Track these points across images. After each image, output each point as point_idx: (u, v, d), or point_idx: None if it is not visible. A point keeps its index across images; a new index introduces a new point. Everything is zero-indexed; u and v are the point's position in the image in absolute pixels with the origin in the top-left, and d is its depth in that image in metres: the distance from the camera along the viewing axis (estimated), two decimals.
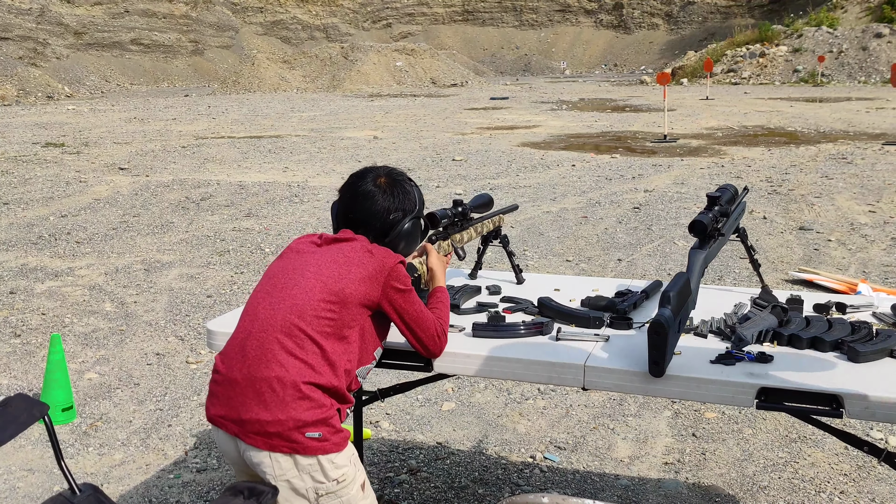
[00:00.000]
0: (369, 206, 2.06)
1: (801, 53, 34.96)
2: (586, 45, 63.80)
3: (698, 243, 2.12)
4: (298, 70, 40.41)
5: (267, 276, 2.02)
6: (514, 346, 2.07)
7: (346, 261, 1.94)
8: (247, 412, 1.81)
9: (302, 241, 2.08)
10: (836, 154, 13.01)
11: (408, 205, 2.10)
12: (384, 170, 2.13)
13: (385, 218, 2.06)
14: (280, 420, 1.78)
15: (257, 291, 1.99)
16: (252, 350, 1.86)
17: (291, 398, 1.79)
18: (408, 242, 2.10)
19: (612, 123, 19.38)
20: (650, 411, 3.76)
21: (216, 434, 1.90)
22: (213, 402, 1.89)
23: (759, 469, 3.20)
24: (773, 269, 6.35)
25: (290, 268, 1.98)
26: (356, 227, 2.06)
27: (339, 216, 2.12)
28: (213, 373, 1.93)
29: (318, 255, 1.98)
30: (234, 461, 1.89)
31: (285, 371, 1.81)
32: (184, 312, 5.19)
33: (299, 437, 1.78)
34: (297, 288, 1.91)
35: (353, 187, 2.11)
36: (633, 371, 1.90)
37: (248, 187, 10.34)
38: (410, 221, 2.09)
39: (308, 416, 1.79)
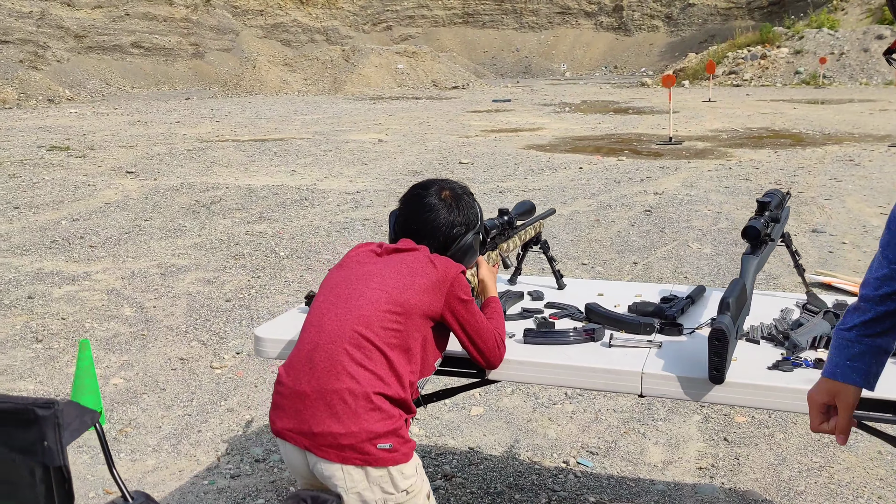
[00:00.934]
0: (433, 219, 2.08)
1: (803, 55, 34.98)
2: (586, 48, 63.81)
3: (750, 249, 2.12)
4: (300, 73, 40.40)
5: (329, 287, 2.00)
6: (566, 352, 2.07)
7: (410, 271, 1.94)
8: (318, 425, 1.80)
9: (361, 250, 2.08)
10: (842, 156, 13.01)
11: (471, 219, 2.13)
12: (447, 183, 2.16)
13: (448, 231, 2.08)
14: (353, 432, 1.77)
15: (321, 302, 1.98)
16: (321, 362, 1.85)
17: (363, 410, 1.79)
18: (469, 256, 2.12)
19: (616, 126, 19.37)
20: (679, 416, 3.75)
21: (283, 447, 1.89)
22: (280, 415, 1.87)
23: (795, 474, 3.20)
24: (790, 272, 6.34)
25: (354, 278, 1.98)
26: (418, 238, 2.07)
27: (400, 226, 2.13)
28: (276, 384, 1.92)
29: (380, 265, 1.97)
30: (301, 474, 1.89)
31: (356, 382, 1.80)
32: (203, 317, 5.18)
33: (371, 449, 1.77)
34: (362, 299, 1.91)
35: (416, 199, 2.12)
36: (691, 378, 1.89)
37: (256, 191, 10.34)
38: (472, 236, 2.11)
39: (379, 428, 1.78)
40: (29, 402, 1.42)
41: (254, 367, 4.34)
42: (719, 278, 6.16)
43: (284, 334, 2.25)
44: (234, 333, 4.87)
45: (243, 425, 3.64)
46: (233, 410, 3.79)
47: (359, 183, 10.99)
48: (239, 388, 4.07)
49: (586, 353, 2.06)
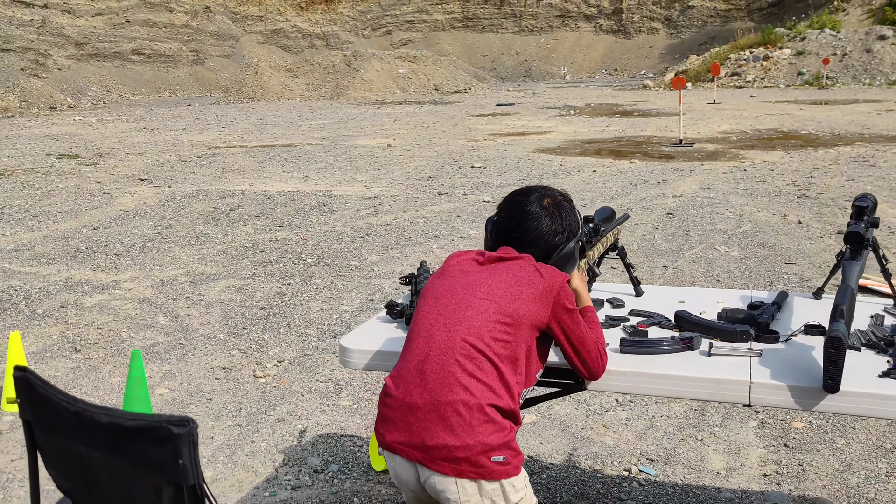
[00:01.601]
0: (535, 227, 2.05)
1: (805, 56, 35.01)
2: (586, 51, 63.86)
3: (851, 254, 2.08)
4: (301, 78, 40.41)
5: (434, 296, 1.97)
6: (666, 361, 2.03)
7: (517, 280, 1.90)
8: (432, 438, 1.76)
9: (462, 258, 2.04)
10: (856, 157, 13.00)
11: (572, 227, 2.10)
12: (548, 191, 2.13)
13: (551, 240, 2.06)
14: (468, 445, 1.74)
15: (427, 312, 1.94)
16: (433, 373, 1.81)
17: (478, 422, 1.75)
18: (570, 264, 2.09)
19: (624, 128, 19.37)
20: (735, 421, 3.71)
21: (392, 460, 1.85)
22: (389, 428, 1.84)
23: (862, 480, 3.16)
24: (821, 274, 6.31)
25: (460, 287, 1.94)
26: (519, 246, 2.04)
27: (499, 234, 2.10)
28: (384, 396, 1.88)
29: (485, 275, 1.94)
30: (410, 488, 1.85)
31: (470, 394, 1.77)
32: (240, 325, 5.14)
33: (486, 462, 1.74)
34: (471, 309, 1.87)
35: (517, 206, 2.09)
36: (803, 387, 1.86)
37: (273, 197, 10.30)
38: (574, 244, 2.09)
39: (493, 440, 1.75)
40: (164, 419, 1.39)
41: (298, 375, 4.31)
42: (752, 281, 6.13)
43: (371, 345, 2.21)
44: (273, 341, 4.83)
45: (297, 435, 3.60)
46: (283, 420, 3.75)
47: (374, 188, 10.96)
48: (286, 397, 4.03)
49: (686, 361, 2.02)
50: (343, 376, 4.28)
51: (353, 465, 3.34)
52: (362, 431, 3.64)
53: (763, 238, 7.47)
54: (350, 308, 5.48)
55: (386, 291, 5.90)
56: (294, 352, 4.66)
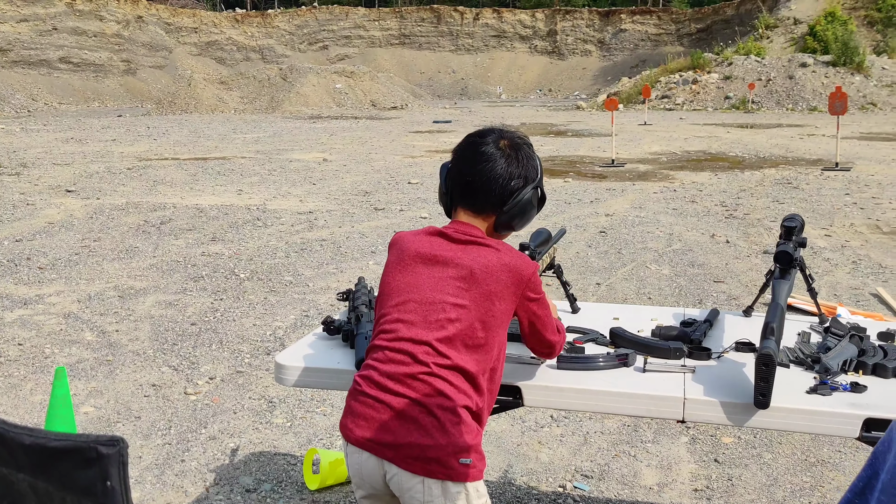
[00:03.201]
0: (490, 169, 1.93)
1: (732, 81, 36.09)
2: (521, 71, 64.67)
3: (780, 273, 2.14)
4: (236, 91, 39.93)
5: (397, 292, 1.90)
6: (603, 378, 2.05)
7: (485, 275, 1.85)
8: (404, 437, 1.74)
9: (415, 244, 1.95)
10: (780, 179, 13.42)
11: (530, 172, 1.99)
12: (506, 132, 2.02)
13: (506, 184, 1.94)
14: (440, 445, 1.72)
15: (391, 307, 1.88)
16: (401, 372, 1.80)
17: (451, 423, 1.74)
18: (525, 213, 1.99)
19: (559, 148, 19.64)
20: (667, 437, 3.77)
21: (357, 455, 1.81)
22: (360, 424, 1.80)
23: (788, 494, 3.24)
24: (749, 292, 6.48)
25: (427, 289, 1.87)
26: (473, 192, 1.95)
27: (454, 179, 2.00)
28: (354, 393, 1.84)
29: (452, 270, 1.87)
30: (371, 484, 1.82)
31: (443, 395, 1.76)
32: (170, 341, 5.02)
33: (454, 463, 1.73)
34: (442, 315, 1.83)
35: (472, 147, 1.99)
36: (734, 403, 1.90)
37: (206, 211, 10.13)
38: (531, 190, 1.98)
39: (463, 442, 1.74)
40: (91, 439, 1.34)
41: (230, 392, 4.22)
42: (682, 299, 6.25)
43: (307, 362, 2.18)
44: (204, 358, 4.73)
45: (229, 454, 3.52)
46: (215, 438, 3.67)
47: (309, 203, 10.87)
48: (217, 414, 3.94)
49: (622, 378, 2.05)
50: (277, 394, 4.21)
51: (287, 483, 3.28)
52: (296, 450, 3.59)
53: (692, 257, 7.64)
54: (284, 324, 5.40)
55: (321, 307, 5.84)
56: (226, 369, 4.57)
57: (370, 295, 2.54)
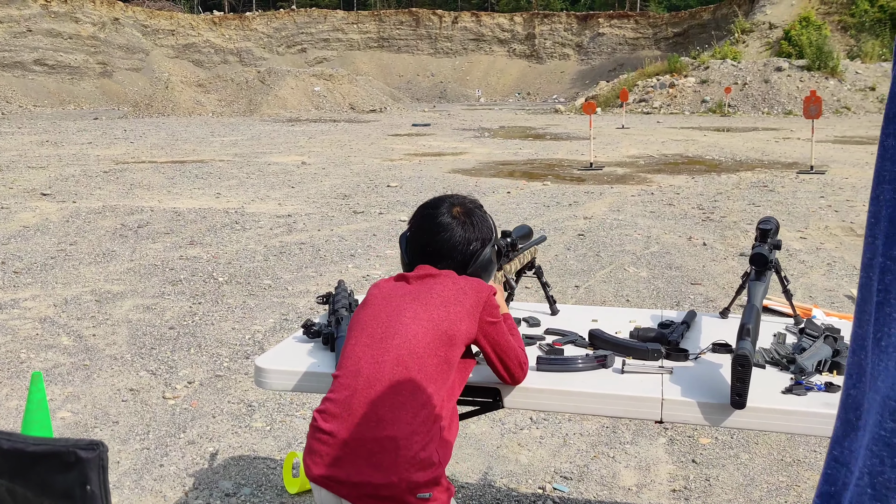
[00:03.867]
0: (449, 238, 2.03)
1: (709, 85, 36.39)
2: (500, 74, 64.83)
3: (756, 275, 2.17)
4: (214, 94, 39.72)
5: (360, 327, 1.94)
6: (581, 379, 2.07)
7: (443, 301, 1.90)
8: (358, 474, 1.75)
9: (384, 285, 2.02)
10: (756, 182, 13.55)
11: (485, 233, 2.08)
12: (457, 199, 2.11)
13: (465, 249, 2.04)
14: (393, 483, 1.72)
15: (353, 345, 1.91)
16: (359, 408, 1.79)
17: (404, 459, 1.73)
18: (488, 271, 2.08)
19: (537, 151, 19.70)
20: (645, 438, 3.80)
21: (319, 493, 1.82)
22: (317, 462, 1.81)
23: (765, 493, 3.28)
24: (726, 294, 6.54)
25: (384, 316, 1.92)
26: (435, 259, 2.03)
27: (414, 250, 2.08)
28: (312, 430, 1.85)
29: (409, 300, 1.92)
30: None
31: (397, 430, 1.75)
32: (148, 345, 4.99)
33: (411, 500, 1.73)
34: (398, 338, 1.86)
35: (428, 219, 2.07)
36: (711, 403, 1.92)
37: (183, 214, 10.07)
38: (490, 249, 2.08)
39: (419, 478, 1.74)
40: (70, 443, 1.33)
41: (209, 397, 4.20)
42: (660, 301, 6.30)
43: (287, 365, 2.18)
44: (183, 362, 4.70)
45: (208, 458, 3.51)
46: (194, 443, 3.65)
47: (288, 206, 10.84)
48: (196, 419, 3.92)
49: (600, 379, 2.06)
50: (256, 397, 4.20)
51: (267, 487, 3.28)
52: (275, 453, 3.58)
53: (670, 259, 7.69)
54: (263, 328, 5.39)
55: (300, 311, 5.82)
56: (205, 373, 4.55)
57: (350, 298, 2.54)
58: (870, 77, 35.76)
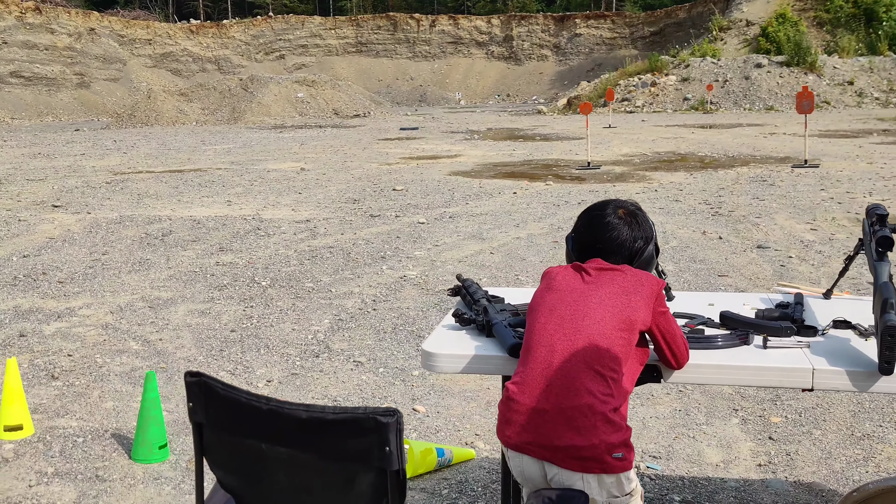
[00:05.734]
0: (617, 236, 2.25)
1: (690, 82, 36.88)
2: (479, 76, 65.17)
3: (880, 256, 2.38)
4: (196, 103, 39.65)
5: (547, 309, 2.14)
6: (732, 354, 2.26)
7: (624, 290, 2.10)
8: (560, 439, 1.96)
9: (564, 273, 2.23)
10: (755, 177, 13.86)
11: (647, 232, 2.31)
12: (620, 202, 2.36)
13: (632, 246, 2.26)
14: (594, 445, 1.94)
15: (544, 324, 2.11)
16: (557, 380, 2.00)
17: (602, 423, 1.95)
18: (651, 265, 2.30)
19: (531, 152, 19.94)
20: (718, 419, 4.01)
21: (518, 459, 2.03)
22: (517, 430, 2.02)
23: (845, 465, 3.49)
24: (753, 285, 6.78)
25: (570, 299, 2.13)
26: (605, 255, 2.24)
27: (582, 247, 2.30)
28: (507, 402, 2.05)
29: (594, 286, 2.13)
30: (535, 483, 2.03)
31: (594, 398, 1.97)
32: (216, 348, 5.14)
33: (608, 459, 1.95)
34: (587, 319, 2.06)
35: (597, 219, 2.31)
36: (859, 371, 2.12)
37: (202, 222, 10.19)
38: (652, 247, 2.30)
39: (614, 439, 1.96)
40: (369, 410, 1.51)
41: (291, 394, 4.37)
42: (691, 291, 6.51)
43: (453, 349, 2.36)
44: (256, 362, 4.86)
45: None
46: None
47: (303, 212, 10.98)
48: None
49: (748, 354, 2.26)
50: (339, 392, 4.37)
51: None
52: None
53: (692, 253, 7.93)
54: (322, 328, 5.55)
55: (350, 311, 5.99)
56: (281, 371, 4.71)
57: (483, 290, 2.73)
58: (848, 71, 36.42)
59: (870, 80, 35.92)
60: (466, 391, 4.39)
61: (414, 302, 6.24)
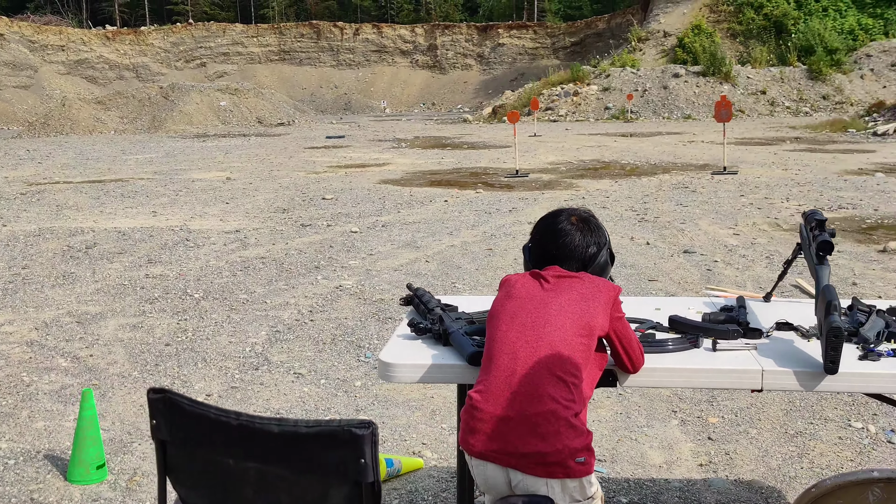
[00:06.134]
0: (570, 242, 2.29)
1: (611, 92, 37.66)
2: (404, 85, 65.22)
3: (820, 260, 2.47)
4: (114, 111, 38.61)
5: (508, 316, 2.16)
6: (683, 358, 2.32)
7: (583, 296, 2.14)
8: (525, 446, 1.98)
9: (523, 280, 2.25)
10: (677, 184, 14.24)
11: (601, 238, 2.35)
12: (572, 210, 2.39)
13: (585, 251, 2.29)
14: (558, 450, 1.97)
15: (506, 331, 2.13)
16: (521, 387, 2.02)
17: (565, 428, 1.98)
18: (605, 271, 2.34)
19: (459, 160, 20.05)
20: (659, 421, 4.10)
21: (482, 467, 2.04)
22: (481, 439, 2.03)
23: (781, 462, 3.61)
24: (682, 289, 6.96)
25: (532, 307, 2.15)
26: (560, 262, 2.27)
27: (539, 255, 2.34)
28: (471, 410, 2.06)
29: (553, 294, 2.16)
30: (499, 491, 2.05)
31: (557, 404, 1.99)
32: (152, 363, 5.00)
33: (571, 464, 1.98)
34: (549, 326, 2.09)
35: (551, 227, 2.34)
36: (806, 371, 2.20)
37: (128, 233, 9.92)
38: (606, 252, 2.34)
39: (577, 444, 1.99)
40: (344, 423, 1.50)
41: (233, 406, 4.28)
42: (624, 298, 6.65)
43: (410, 359, 2.35)
44: (195, 376, 4.75)
45: None
46: None
47: (232, 222, 10.80)
48: None
49: (698, 357, 2.32)
50: (281, 405, 4.31)
51: None
52: None
53: (622, 258, 8.08)
54: (259, 340, 5.47)
55: (287, 322, 5.92)
56: (220, 385, 4.61)
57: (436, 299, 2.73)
58: (760, 81, 37.74)
59: (781, 90, 37.30)
60: (411, 400, 4.38)
61: (352, 312, 6.20)
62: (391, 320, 5.91)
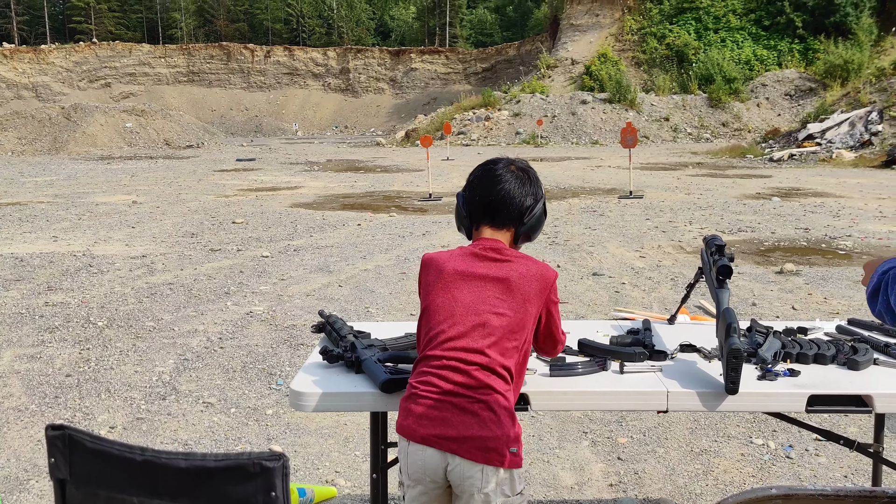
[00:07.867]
0: (508, 189, 2.23)
1: (521, 117, 38.32)
2: (316, 108, 64.86)
3: (720, 283, 2.56)
4: (12, 132, 37.13)
5: (444, 307, 2.15)
6: (593, 381, 2.37)
7: (518, 286, 2.15)
8: (467, 430, 2.00)
9: (451, 262, 2.21)
10: (586, 207, 14.56)
11: (538, 190, 2.31)
12: (511, 160, 2.34)
13: (522, 201, 2.25)
14: (497, 436, 2.00)
15: (440, 322, 2.13)
16: (460, 378, 2.05)
17: (504, 416, 2.03)
18: (540, 224, 2.32)
19: (372, 184, 20.03)
20: (570, 442, 4.16)
21: (420, 451, 2.03)
22: (424, 424, 2.03)
23: (688, 480, 3.71)
24: (592, 311, 7.10)
25: (468, 301, 2.14)
26: (494, 212, 2.24)
27: (475, 202, 2.28)
28: (413, 396, 2.07)
29: (489, 282, 2.16)
30: (431, 476, 2.04)
31: (497, 393, 2.04)
32: (51, 395, 4.80)
33: (506, 452, 2.01)
34: (488, 327, 2.10)
35: (488, 172, 2.29)
36: (708, 392, 2.28)
37: (26, 259, 9.53)
38: (541, 205, 2.31)
39: (512, 433, 2.03)
40: (254, 456, 1.46)
41: (138, 439, 4.14)
42: None
43: (323, 387, 2.32)
44: (98, 408, 4.58)
45: None
46: None
47: (138, 247, 10.50)
48: None
49: (606, 380, 2.37)
50: (189, 436, 4.19)
51: None
52: None
53: None
54: (166, 369, 5.31)
55: (196, 350, 5.78)
56: (125, 416, 4.46)
57: (348, 326, 2.72)
58: (664, 108, 39.02)
59: (683, 117, 38.65)
60: (323, 428, 4.33)
61: (262, 338, 6.10)
62: (303, 347, 5.84)
